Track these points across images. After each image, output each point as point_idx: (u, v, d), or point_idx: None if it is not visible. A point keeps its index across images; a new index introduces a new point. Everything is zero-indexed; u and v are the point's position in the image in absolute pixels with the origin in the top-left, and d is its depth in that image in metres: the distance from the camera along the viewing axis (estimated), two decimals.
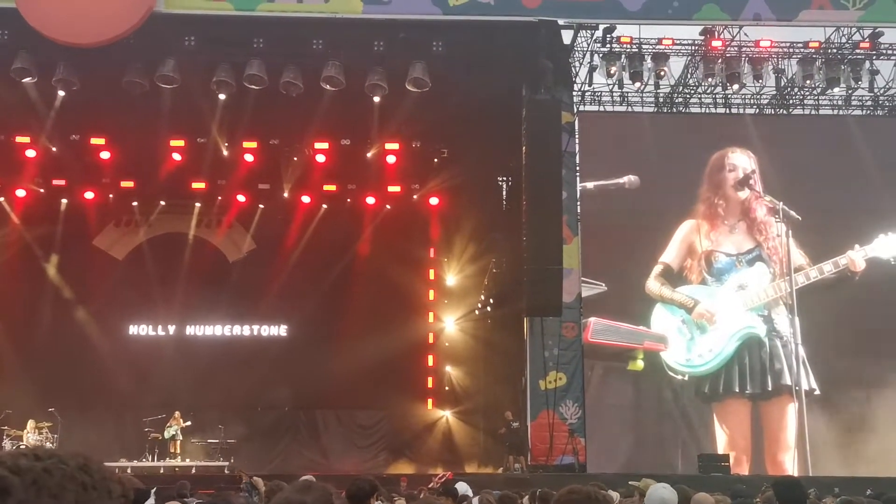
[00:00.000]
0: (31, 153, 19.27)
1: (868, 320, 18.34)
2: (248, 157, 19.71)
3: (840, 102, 19.73)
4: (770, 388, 18.23)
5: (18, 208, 20.59)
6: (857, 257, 18.62)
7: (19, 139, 19.02)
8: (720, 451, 17.87)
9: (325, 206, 21.03)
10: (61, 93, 16.43)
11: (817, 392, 18.19)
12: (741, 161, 19.10)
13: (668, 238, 18.78)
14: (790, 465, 17.66)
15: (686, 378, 18.28)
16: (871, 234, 18.75)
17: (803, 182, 18.89)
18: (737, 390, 18.25)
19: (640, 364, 18.22)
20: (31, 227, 20.66)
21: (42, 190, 20.50)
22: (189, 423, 18.77)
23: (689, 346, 18.35)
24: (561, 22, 16.46)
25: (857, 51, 18.06)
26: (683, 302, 18.50)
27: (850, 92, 19.30)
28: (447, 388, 21.06)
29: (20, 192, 20.38)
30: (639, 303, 18.54)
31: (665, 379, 18.33)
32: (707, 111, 19.75)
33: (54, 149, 19.17)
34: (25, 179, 20.06)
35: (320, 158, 19.81)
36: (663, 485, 5.16)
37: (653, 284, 18.53)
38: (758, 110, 19.84)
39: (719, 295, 18.58)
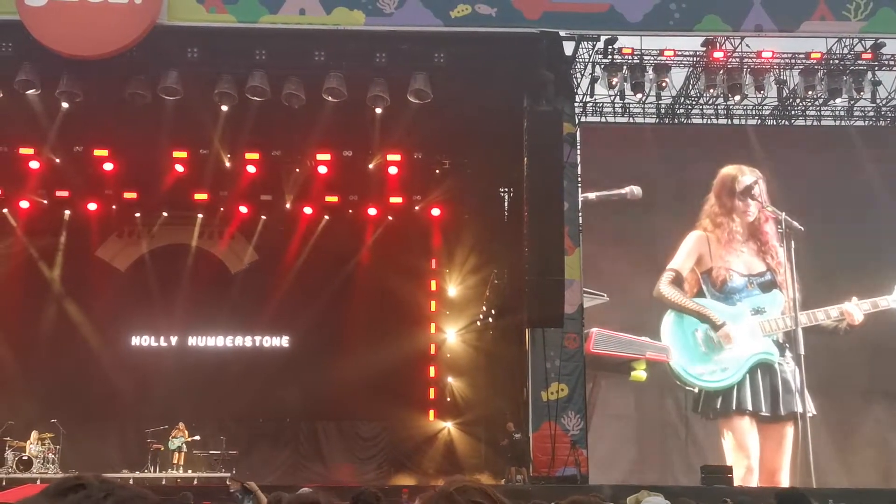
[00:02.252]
0: (34, 165, 19.32)
1: (878, 362, 18.21)
2: (251, 169, 19.74)
3: (842, 113, 19.75)
4: (782, 413, 18.14)
5: (22, 219, 20.63)
6: (854, 311, 18.43)
7: (23, 151, 19.07)
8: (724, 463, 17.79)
9: (326, 217, 21.05)
10: (65, 105, 16.45)
11: (811, 414, 18.07)
12: (750, 182, 18.98)
13: (670, 248, 18.74)
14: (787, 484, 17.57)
15: (696, 390, 18.21)
16: (876, 244, 18.69)
17: (805, 192, 18.90)
18: (749, 409, 18.13)
19: (642, 375, 18.17)
20: (35, 239, 20.71)
21: (45, 201, 20.55)
22: (198, 437, 18.74)
23: (704, 359, 18.26)
24: (562, 33, 16.50)
25: (860, 61, 18.06)
26: (710, 317, 18.37)
27: (852, 103, 19.31)
28: (448, 399, 21.02)
29: (24, 204, 20.43)
30: (641, 313, 18.50)
31: (667, 390, 18.27)
32: (709, 122, 19.77)
33: (58, 160, 19.22)
34: (29, 191, 20.12)
35: (322, 170, 19.84)
36: (660, 500, 5.13)
37: (667, 291, 18.40)
38: (760, 121, 19.86)
39: (737, 315, 18.46)
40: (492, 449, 19.22)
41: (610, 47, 17.53)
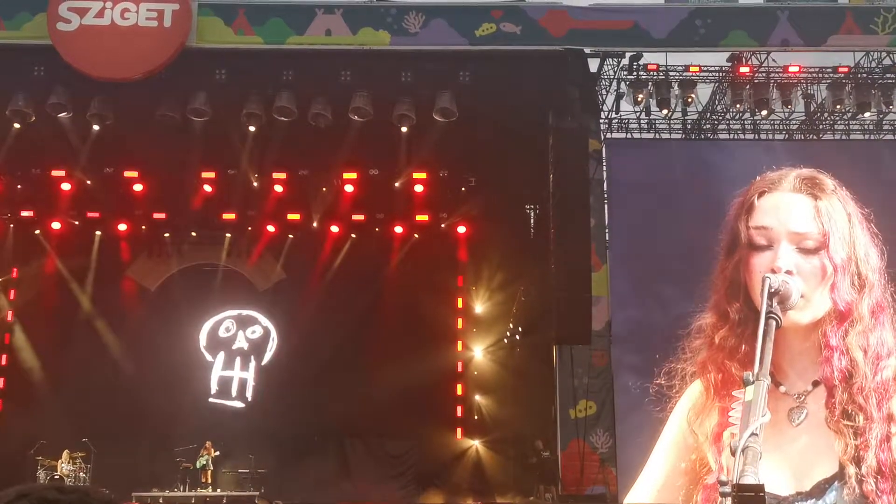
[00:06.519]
0: (66, 186, 19.61)
1: None
2: (278, 188, 19.89)
3: (871, 127, 19.55)
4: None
5: (54, 241, 20.91)
6: None
7: (55, 173, 19.36)
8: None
9: (353, 235, 21.14)
10: (96, 127, 16.69)
11: None
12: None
13: (697, 264, 18.52)
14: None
15: None
16: None
17: None
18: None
19: None
20: (66, 259, 20.96)
21: (77, 222, 20.81)
22: (218, 452, 18.83)
23: None
24: (587, 50, 16.54)
25: (888, 75, 17.91)
26: None
27: (881, 116, 19.12)
28: (476, 417, 20.92)
29: (56, 225, 20.69)
30: None
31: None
32: (735, 137, 19.65)
33: (89, 182, 19.48)
34: (61, 212, 20.38)
35: (349, 188, 19.95)
36: None
37: None
38: (787, 136, 19.70)
39: None
40: (520, 467, 19.09)
41: (635, 64, 17.49)
